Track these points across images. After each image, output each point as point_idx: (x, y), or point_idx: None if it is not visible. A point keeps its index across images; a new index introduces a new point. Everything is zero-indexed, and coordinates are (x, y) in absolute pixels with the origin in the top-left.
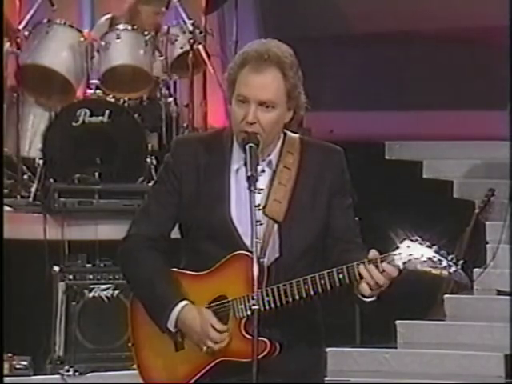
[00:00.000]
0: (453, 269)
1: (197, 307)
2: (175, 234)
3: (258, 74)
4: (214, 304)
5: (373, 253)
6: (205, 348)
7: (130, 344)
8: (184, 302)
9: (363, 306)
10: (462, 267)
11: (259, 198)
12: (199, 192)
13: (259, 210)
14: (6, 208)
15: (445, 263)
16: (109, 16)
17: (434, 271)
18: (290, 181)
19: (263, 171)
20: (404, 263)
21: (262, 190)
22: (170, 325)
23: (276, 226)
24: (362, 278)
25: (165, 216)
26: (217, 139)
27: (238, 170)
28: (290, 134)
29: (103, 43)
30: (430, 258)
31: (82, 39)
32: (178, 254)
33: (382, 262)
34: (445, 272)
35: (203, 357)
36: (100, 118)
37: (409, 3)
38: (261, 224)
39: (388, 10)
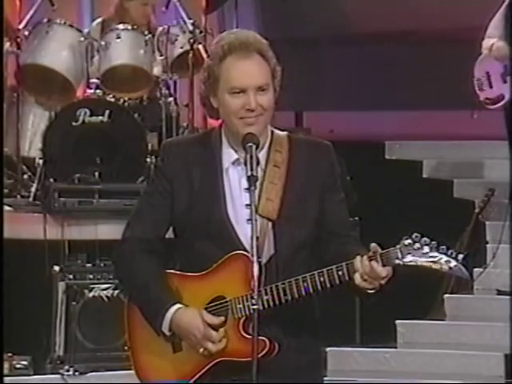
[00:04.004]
0: (453, 263)
1: (191, 309)
2: (170, 234)
3: (247, 60)
4: (212, 304)
5: (374, 247)
6: (202, 350)
7: (126, 347)
8: (177, 306)
9: (364, 298)
10: (462, 263)
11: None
12: (193, 193)
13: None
14: (6, 208)
15: (445, 258)
16: (99, 20)
17: (434, 266)
18: (281, 179)
19: None
20: (404, 259)
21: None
22: (165, 328)
23: (270, 224)
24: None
25: (159, 218)
26: (206, 140)
27: (227, 169)
28: (277, 131)
29: (103, 43)
30: (429, 254)
31: (81, 39)
32: (173, 255)
33: (382, 257)
34: (445, 267)
35: (201, 357)
36: (100, 117)
37: (409, 3)
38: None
39: (388, 9)
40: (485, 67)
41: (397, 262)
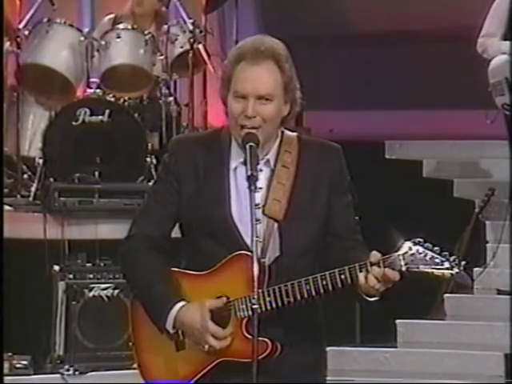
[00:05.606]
0: (455, 270)
1: (195, 305)
2: (176, 233)
3: (255, 66)
4: None
5: (374, 255)
6: (206, 347)
7: (130, 343)
8: (182, 303)
9: (365, 304)
10: (465, 268)
11: (258, 197)
12: (199, 191)
13: (258, 208)
14: (6, 207)
15: (447, 264)
16: (111, 16)
17: (436, 272)
18: (289, 180)
19: (261, 170)
20: (406, 264)
21: (260, 188)
22: (169, 325)
23: (276, 225)
24: (367, 282)
25: (165, 215)
26: (214, 138)
27: (235, 168)
28: (287, 132)
29: (103, 42)
30: (432, 260)
31: (82, 38)
32: (178, 253)
33: (384, 263)
34: (447, 273)
35: (204, 356)
36: (100, 117)
37: (409, 3)
38: (260, 223)
39: (389, 9)
40: (503, 72)
41: (399, 267)
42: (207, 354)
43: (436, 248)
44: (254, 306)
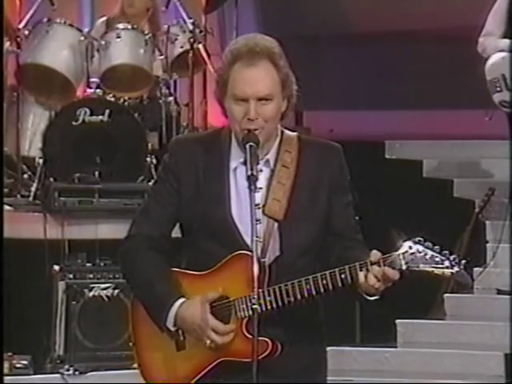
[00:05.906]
0: (455, 269)
1: (195, 300)
2: (176, 233)
3: (252, 68)
4: (215, 304)
5: (375, 254)
6: (208, 342)
7: (130, 343)
8: (182, 300)
9: (365, 303)
10: (465, 267)
11: (258, 197)
12: (199, 191)
13: (259, 208)
14: (6, 207)
15: (447, 263)
16: (104, 19)
17: (436, 271)
18: (289, 179)
19: (261, 170)
20: (406, 263)
21: (260, 188)
22: (169, 323)
23: (276, 224)
24: (367, 281)
25: (165, 216)
26: (215, 138)
27: (236, 168)
28: (287, 132)
29: (103, 42)
30: (432, 259)
31: (82, 38)
32: (179, 253)
33: (384, 262)
34: (447, 272)
35: (204, 356)
36: (100, 117)
37: (409, 3)
38: (260, 223)
39: (389, 9)
40: (500, 69)
41: (399, 266)
42: (209, 350)
43: (436, 247)
44: (254, 306)
